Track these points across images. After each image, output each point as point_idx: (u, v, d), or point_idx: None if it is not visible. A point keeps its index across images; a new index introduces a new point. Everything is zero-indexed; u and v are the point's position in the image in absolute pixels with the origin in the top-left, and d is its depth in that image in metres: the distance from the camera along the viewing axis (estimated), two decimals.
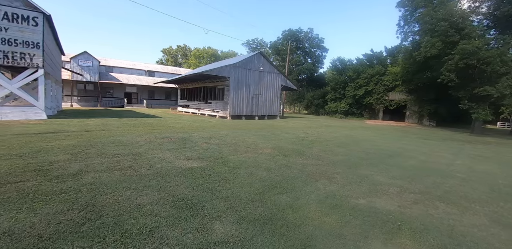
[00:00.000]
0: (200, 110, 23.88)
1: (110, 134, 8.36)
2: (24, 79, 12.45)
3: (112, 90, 35.85)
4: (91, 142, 6.69)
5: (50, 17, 12.76)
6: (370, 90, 32.89)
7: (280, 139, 9.22)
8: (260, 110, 22.31)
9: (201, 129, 11.19)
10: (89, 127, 10.23)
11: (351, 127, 18.14)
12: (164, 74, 40.68)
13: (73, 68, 30.83)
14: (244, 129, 12.10)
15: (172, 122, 13.91)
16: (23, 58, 12.12)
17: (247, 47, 57.48)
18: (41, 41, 12.38)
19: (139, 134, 8.72)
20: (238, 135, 9.56)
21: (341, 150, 7.71)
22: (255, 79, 21.61)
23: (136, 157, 5.21)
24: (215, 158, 5.54)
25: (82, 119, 13.74)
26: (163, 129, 10.63)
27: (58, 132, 8.58)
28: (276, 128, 13.67)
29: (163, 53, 77.52)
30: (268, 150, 6.88)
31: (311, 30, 49.86)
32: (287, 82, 25.03)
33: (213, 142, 7.67)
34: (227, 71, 19.51)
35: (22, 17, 11.95)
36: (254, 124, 15.66)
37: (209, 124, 14.18)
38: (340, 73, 38.40)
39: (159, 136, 8.28)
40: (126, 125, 11.62)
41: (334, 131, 14.31)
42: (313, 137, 10.66)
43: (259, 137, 9.37)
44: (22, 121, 11.64)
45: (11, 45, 11.82)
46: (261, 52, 22.84)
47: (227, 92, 20.19)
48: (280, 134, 11.01)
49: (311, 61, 49.38)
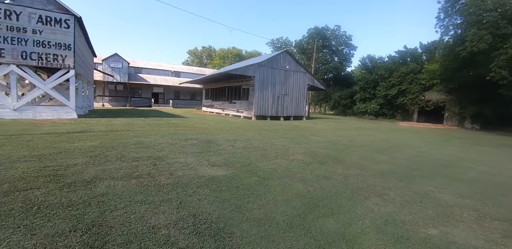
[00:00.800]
0: (225, 110, 23.60)
1: (134, 135, 8.11)
2: (56, 79, 12.82)
3: (140, 90, 36.99)
4: (114, 143, 6.40)
5: (81, 19, 13.03)
6: (404, 90, 30.64)
7: (311, 143, 8.41)
8: (286, 110, 21.49)
9: (225, 131, 10.70)
10: (114, 127, 10.16)
11: (385, 130, 16.74)
12: (189, 75, 41.25)
13: (105, 69, 32.17)
14: (271, 131, 11.42)
15: (196, 123, 13.61)
16: (55, 60, 12.46)
17: (272, 46, 56.79)
18: (72, 43, 12.66)
19: (162, 135, 8.40)
20: (265, 138, 8.90)
21: (384, 158, 6.74)
22: (281, 78, 20.85)
23: (157, 162, 4.75)
24: (242, 165, 4.92)
25: (110, 118, 13.91)
26: (187, 130, 10.28)
27: (85, 132, 8.50)
28: (304, 130, 12.82)
29: (189, 54, 79.32)
30: (300, 155, 6.14)
31: (338, 27, 47.94)
32: (314, 82, 23.95)
33: (239, 145, 7.08)
34: (252, 70, 18.96)
35: (55, 20, 12.29)
36: (281, 126, 14.92)
37: (233, 125, 13.69)
38: (370, 71, 36.35)
39: (183, 138, 7.86)
40: (151, 125, 11.47)
41: (367, 134, 13.15)
42: (346, 141, 9.70)
43: (288, 140, 8.64)
44: (54, 120, 11.94)
45: (45, 47, 12.19)
46: (287, 51, 22.01)
47: (251, 92, 19.64)
48: (309, 136, 10.18)
49: (338, 59, 47.45)
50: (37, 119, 12.23)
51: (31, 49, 12.00)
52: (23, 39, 11.84)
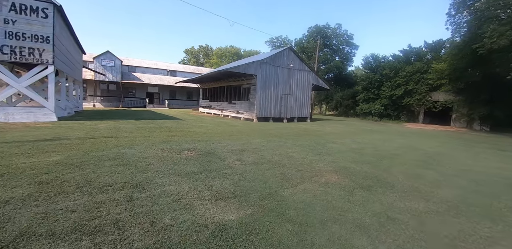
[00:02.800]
0: (223, 111, 22.03)
1: (116, 144, 6.54)
2: (33, 77, 11.16)
3: (134, 90, 35.23)
4: (84, 158, 4.84)
5: (61, 8, 11.38)
6: (410, 90, 29.37)
7: (333, 153, 6.92)
8: (289, 111, 20.01)
9: (227, 136, 9.16)
10: (96, 133, 8.57)
11: (398, 133, 15.33)
12: (186, 74, 39.58)
13: (96, 68, 30.38)
14: (279, 136, 9.91)
15: (193, 126, 12.05)
16: (31, 54, 10.80)
17: (271, 45, 55.28)
18: (51, 35, 11.01)
19: (151, 143, 6.84)
20: (276, 146, 7.38)
21: (433, 175, 5.28)
22: (284, 77, 19.37)
23: (134, 194, 3.20)
24: (261, 196, 3.40)
25: (95, 121, 12.28)
26: (182, 135, 8.72)
27: (57, 140, 6.92)
28: (316, 135, 11.33)
29: (185, 53, 77.41)
30: (332, 176, 4.63)
31: (339, 26, 46.64)
32: (319, 81, 22.52)
33: (248, 158, 5.56)
34: (253, 68, 17.44)
35: (30, 9, 10.64)
36: (287, 129, 13.42)
37: (235, 128, 12.15)
38: (373, 71, 35.05)
39: (176, 148, 6.31)
40: (140, 129, 9.89)
41: (385, 138, 11.71)
42: (370, 149, 8.23)
43: (304, 150, 7.14)
44: (28, 124, 10.30)
45: (18, 40, 10.54)
46: (291, 47, 20.54)
47: (253, 92, 18.13)
48: (326, 144, 8.69)
49: (339, 58, 46.15)
50: (9, 122, 10.57)
51: (2, 42, 10.34)
52: None
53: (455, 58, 24.88)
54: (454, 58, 25.00)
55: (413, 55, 33.36)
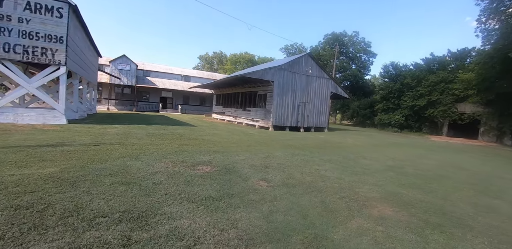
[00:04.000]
0: (237, 118, 21.27)
1: (122, 153, 5.79)
2: (44, 77, 10.77)
3: (148, 94, 35.23)
4: (82, 172, 4.07)
5: (76, 8, 11.06)
6: (434, 101, 27.76)
7: (371, 172, 5.90)
8: (307, 120, 19.01)
9: (245, 147, 8.30)
10: (104, 138, 7.91)
11: (428, 147, 14.01)
12: (200, 79, 39.41)
13: (112, 71, 30.56)
14: (302, 149, 8.95)
15: (207, 134, 11.28)
16: (44, 54, 10.43)
17: (285, 52, 54.82)
18: (65, 35, 10.65)
19: (161, 153, 6.05)
20: (303, 162, 6.43)
21: (505, 207, 4.19)
22: (302, 84, 18.49)
23: (133, 233, 2.35)
24: (305, 241, 2.47)
25: (105, 125, 11.73)
26: (195, 144, 7.92)
27: (60, 145, 6.26)
28: (340, 148, 10.30)
29: (200, 59, 78.23)
30: (385, 206, 3.64)
31: (357, 33, 45.73)
32: (338, 89, 21.48)
33: (274, 178, 4.65)
34: (271, 74, 16.68)
35: (45, 8, 10.32)
36: (307, 139, 12.43)
37: (251, 137, 11.28)
38: (393, 80, 33.65)
39: (189, 161, 5.48)
40: (151, 136, 9.19)
41: (417, 154, 10.52)
42: (409, 167, 7.14)
43: (336, 167, 6.15)
44: (36, 126, 9.81)
45: (32, 39, 10.19)
46: (309, 54, 19.75)
47: (269, 99, 17.31)
48: (357, 159, 7.66)
49: (356, 67, 44.94)
50: (18, 123, 10.13)
51: (15, 41, 10.00)
52: (6, 28, 9.86)
53: (484, 67, 23.40)
54: (483, 67, 23.52)
55: (436, 64, 31.88)
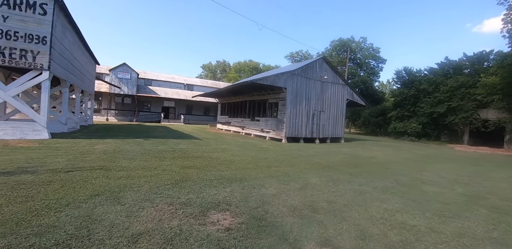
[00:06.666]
0: (245, 129, 19.47)
1: (99, 187, 4.00)
2: (23, 84, 9.14)
3: (149, 104, 33.73)
4: (14, 232, 2.26)
5: (63, 4, 9.57)
6: (455, 107, 25.84)
7: (459, 211, 4.02)
8: (322, 130, 17.16)
9: (265, 168, 6.45)
10: (86, 159, 6.14)
11: (470, 161, 11.99)
12: (203, 88, 37.98)
13: (112, 80, 29.21)
14: (336, 169, 7.07)
15: (215, 149, 9.46)
16: (23, 57, 8.85)
17: (290, 60, 53.62)
18: (49, 35, 9.10)
19: (155, 186, 4.24)
20: (357, 196, 4.55)
21: None
22: (317, 91, 16.78)
23: None
24: None
25: (95, 140, 9.99)
26: (202, 167, 6.10)
27: (18, 173, 4.51)
28: (378, 165, 8.39)
29: (203, 68, 77.49)
30: None
31: (364, 39, 44.50)
32: (354, 96, 19.74)
33: (341, 239, 2.80)
34: (283, 80, 15.01)
35: (27, 3, 8.84)
36: (330, 154, 10.56)
37: (268, 153, 9.43)
38: (407, 86, 31.88)
39: (196, 202, 3.65)
40: (147, 154, 7.40)
41: (474, 172, 8.55)
42: (492, 196, 5.21)
43: (406, 203, 4.27)
44: (10, 142, 8.08)
45: (9, 39, 8.65)
46: (324, 58, 18.16)
47: (282, 107, 15.55)
48: (417, 185, 5.75)
49: (365, 73, 43.40)
50: None
51: None
52: None
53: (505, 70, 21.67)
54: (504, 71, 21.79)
55: (451, 68, 30.18)
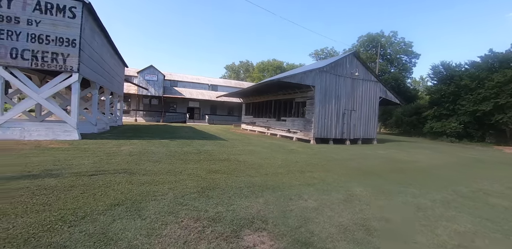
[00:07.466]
0: (270, 129, 18.88)
1: (121, 194, 3.65)
2: (55, 86, 9.33)
3: (175, 105, 34.41)
4: None
5: (91, 7, 9.63)
6: (503, 104, 23.20)
7: None
8: (353, 131, 16.06)
9: (298, 174, 5.82)
10: (111, 161, 5.95)
11: None
12: (227, 88, 38.00)
13: (140, 82, 30.11)
14: (379, 175, 6.25)
15: (241, 151, 8.99)
16: (54, 59, 9.02)
17: (315, 58, 52.11)
18: (78, 37, 9.20)
19: (180, 194, 3.81)
20: (416, 212, 3.79)
21: None
22: (347, 88, 15.72)
23: None
24: None
25: (123, 140, 9.98)
26: (230, 171, 5.63)
27: (42, 177, 4.36)
28: (426, 172, 7.38)
29: (226, 69, 78.09)
30: None
31: (395, 33, 41.89)
32: (387, 94, 18.33)
33: None
34: (311, 77, 14.20)
35: (57, 7, 8.99)
36: (367, 157, 9.63)
37: (298, 156, 8.76)
38: (445, 82, 29.34)
39: (226, 217, 3.15)
40: (172, 156, 7.10)
41: None
42: None
43: (482, 225, 3.43)
44: (42, 143, 8.23)
45: (41, 43, 8.85)
46: (354, 53, 17.00)
47: (310, 107, 14.75)
48: (481, 197, 4.80)
49: (395, 69, 40.82)
50: (24, 140, 8.67)
51: (23, 46, 8.72)
52: (14, 32, 8.63)
53: None
54: None
55: (496, 62, 27.17)
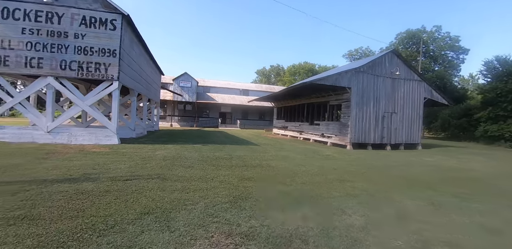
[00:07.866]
0: (302, 134, 18.26)
1: (152, 202, 3.55)
2: (97, 94, 9.95)
3: (208, 110, 35.32)
4: None
5: (130, 19, 10.16)
6: None
7: None
8: (394, 135, 14.78)
9: (337, 183, 5.29)
10: (146, 166, 6.04)
11: None
12: (258, 93, 38.05)
13: (175, 89, 31.46)
14: (431, 188, 5.45)
15: (274, 157, 8.64)
16: (97, 69, 9.64)
17: (349, 59, 50.10)
18: (118, 48, 9.73)
19: (211, 205, 3.58)
20: (491, 238, 3.10)
21: None
22: (387, 89, 14.57)
23: None
24: None
25: (158, 145, 10.26)
26: (262, 178, 5.31)
27: (81, 181, 4.51)
28: (490, 186, 6.32)
29: (257, 74, 78.69)
30: None
31: (439, 28, 38.51)
32: (433, 94, 16.70)
33: None
34: (347, 78, 13.41)
35: (100, 21, 9.64)
36: (412, 165, 8.63)
37: (335, 163, 8.15)
38: (501, 79, 26.00)
39: (261, 234, 2.82)
40: (204, 161, 7.01)
41: None
42: None
43: None
44: (86, 147, 8.74)
45: (86, 54, 9.53)
46: (394, 51, 15.78)
47: (345, 110, 13.92)
48: None
49: (440, 67, 37.42)
50: (71, 144, 9.33)
51: (71, 57, 9.45)
52: (63, 45, 9.40)
53: None
54: None
55: None
